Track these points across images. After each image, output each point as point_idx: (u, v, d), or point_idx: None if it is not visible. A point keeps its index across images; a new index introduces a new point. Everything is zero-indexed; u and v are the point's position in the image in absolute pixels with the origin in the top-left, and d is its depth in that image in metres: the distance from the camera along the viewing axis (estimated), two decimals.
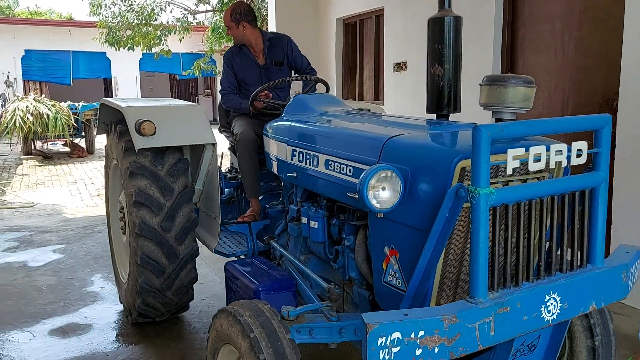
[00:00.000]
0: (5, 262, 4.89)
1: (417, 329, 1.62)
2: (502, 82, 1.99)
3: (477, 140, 1.63)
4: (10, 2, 39.14)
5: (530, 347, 2.17)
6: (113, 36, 13.46)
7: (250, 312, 2.00)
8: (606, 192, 1.97)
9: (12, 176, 10.14)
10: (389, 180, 1.94)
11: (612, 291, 1.98)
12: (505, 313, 1.72)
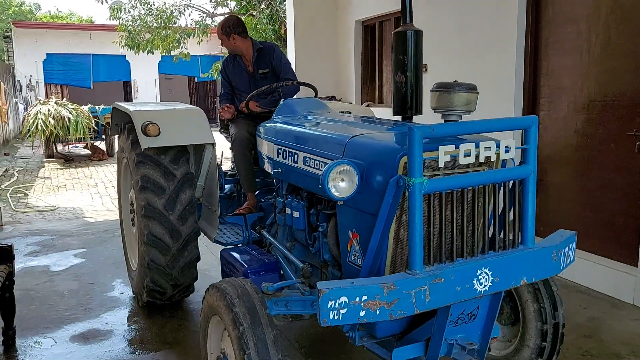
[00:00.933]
0: (28, 266, 4.93)
1: (361, 294, 1.95)
2: (448, 88, 2.31)
3: (411, 138, 1.96)
4: (32, 6, 39.78)
5: (471, 316, 2.42)
6: (133, 39, 13.59)
7: (235, 287, 2.30)
8: (534, 182, 2.27)
9: (34, 179, 10.27)
10: (347, 173, 2.27)
11: (542, 268, 2.26)
12: (439, 283, 2.03)
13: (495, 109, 5.06)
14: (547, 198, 4.78)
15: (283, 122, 3.34)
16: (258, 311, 2.21)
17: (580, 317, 3.72)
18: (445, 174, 2.15)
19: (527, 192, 2.26)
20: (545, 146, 4.76)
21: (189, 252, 3.58)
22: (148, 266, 3.53)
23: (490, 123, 2.22)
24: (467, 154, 2.11)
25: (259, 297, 2.28)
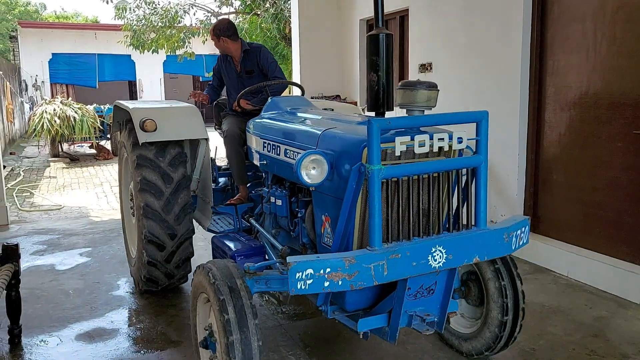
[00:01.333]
0: (33, 265, 4.95)
1: (325, 267, 2.21)
2: (411, 87, 2.61)
3: (369, 130, 2.25)
4: (38, 6, 39.93)
5: (429, 290, 2.67)
6: (138, 39, 13.62)
7: (218, 267, 2.57)
8: (486, 170, 2.56)
9: (40, 178, 10.31)
10: (318, 162, 2.56)
11: (494, 248, 2.54)
12: (396, 259, 2.30)
13: (500, 108, 5.05)
14: (552, 197, 4.76)
15: (269, 118, 3.63)
16: (238, 285, 2.47)
17: (587, 317, 3.71)
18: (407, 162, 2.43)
19: (479, 179, 2.55)
20: (551, 145, 4.74)
21: (183, 250, 3.90)
22: (146, 261, 3.85)
23: (443, 117, 2.54)
24: (422, 145, 2.40)
25: (239, 273, 2.56)
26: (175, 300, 4.10)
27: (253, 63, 4.42)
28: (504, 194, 5.10)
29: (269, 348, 3.34)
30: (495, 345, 3.03)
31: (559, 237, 4.70)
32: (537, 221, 4.93)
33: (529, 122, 4.86)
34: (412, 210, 2.45)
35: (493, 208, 5.25)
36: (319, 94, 7.94)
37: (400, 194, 2.44)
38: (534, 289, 4.20)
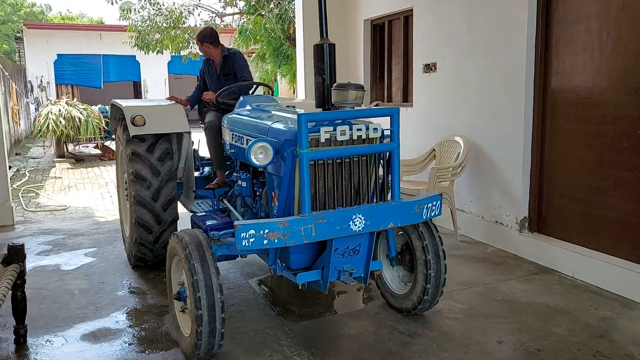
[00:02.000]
0: (39, 265, 4.97)
1: (264, 228, 2.83)
2: (343, 88, 3.18)
3: (299, 122, 2.90)
4: (43, 7, 40.09)
5: (354, 251, 3.29)
6: (142, 40, 13.65)
7: (188, 235, 3.14)
8: (398, 154, 3.23)
9: (45, 179, 10.35)
10: (264, 148, 3.15)
11: (406, 217, 3.19)
12: (322, 223, 2.94)
13: (505, 108, 5.04)
14: (557, 197, 4.75)
15: (237, 114, 4.21)
16: (205, 250, 3.03)
17: (592, 317, 3.70)
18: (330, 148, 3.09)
19: (393, 161, 3.24)
20: (556, 145, 4.72)
21: (169, 232, 4.36)
22: (137, 241, 4.51)
23: (360, 112, 3.23)
24: (343, 134, 3.07)
25: (204, 237, 3.12)
26: None
27: (230, 66, 5.01)
28: (508, 195, 5.09)
29: (273, 348, 3.34)
30: (419, 305, 3.61)
31: (564, 237, 4.68)
32: (542, 221, 4.92)
33: (534, 122, 4.84)
34: (337, 186, 3.14)
35: (498, 208, 5.24)
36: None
37: (326, 173, 3.11)
38: (539, 289, 4.19)
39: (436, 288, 3.56)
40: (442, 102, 5.98)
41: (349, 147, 3.13)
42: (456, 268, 4.71)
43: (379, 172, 3.30)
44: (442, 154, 5.69)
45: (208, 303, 2.91)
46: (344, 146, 3.12)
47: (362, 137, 3.13)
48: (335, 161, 3.11)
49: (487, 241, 5.36)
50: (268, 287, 4.41)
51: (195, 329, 2.98)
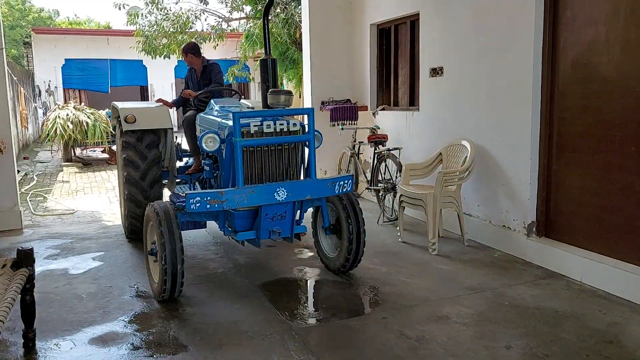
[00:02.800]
0: (47, 269, 4.99)
1: (207, 196, 3.85)
2: (276, 93, 4.26)
3: (233, 118, 3.95)
4: (51, 12, 40.37)
5: (281, 216, 4.23)
6: (150, 45, 13.71)
7: (160, 205, 4.05)
8: (314, 143, 4.23)
9: (53, 183, 10.41)
10: (212, 138, 4.30)
11: (320, 190, 4.17)
12: (252, 193, 3.93)
13: (512, 112, 5.03)
14: (565, 202, 4.73)
15: (205, 113, 5.27)
16: (170, 215, 3.93)
17: (600, 323, 3.67)
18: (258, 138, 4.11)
19: (310, 149, 4.23)
20: (563, 149, 4.71)
21: None
22: (128, 215, 5.58)
23: (281, 111, 4.26)
24: (268, 127, 4.12)
25: (171, 208, 4.01)
26: (186, 305, 4.11)
27: (208, 74, 6.09)
28: (516, 199, 5.07)
29: (280, 353, 3.34)
30: (346, 265, 4.57)
31: (572, 242, 4.66)
32: (550, 226, 4.90)
33: (541, 126, 4.83)
34: (266, 167, 4.19)
35: (505, 213, 5.22)
36: (329, 99, 7.95)
37: (256, 157, 4.15)
38: (547, 294, 4.18)
39: (357, 252, 4.50)
40: (449, 106, 5.98)
41: (272, 137, 4.16)
42: (463, 272, 4.69)
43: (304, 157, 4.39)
44: (448, 158, 5.68)
45: (172, 258, 3.83)
46: (269, 137, 4.14)
47: (284, 130, 4.17)
48: (263, 148, 4.15)
49: (494, 246, 5.35)
50: (275, 292, 4.41)
51: (162, 277, 3.93)
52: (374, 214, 6.84)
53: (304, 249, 5.47)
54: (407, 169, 5.77)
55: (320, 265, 4.95)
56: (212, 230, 6.32)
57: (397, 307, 4.01)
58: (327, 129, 7.84)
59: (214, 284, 4.55)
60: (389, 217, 6.46)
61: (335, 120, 7.66)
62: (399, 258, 5.14)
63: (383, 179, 6.57)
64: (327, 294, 4.43)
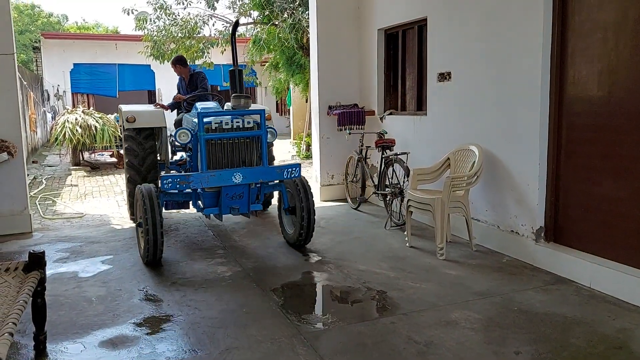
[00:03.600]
0: (57, 272, 5.03)
1: (177, 178, 4.93)
2: (237, 97, 5.24)
3: (199, 116, 5.10)
4: (60, 17, 40.67)
5: (240, 196, 5.23)
6: (158, 49, 13.78)
7: (145, 188, 5.07)
8: (265, 139, 5.27)
9: (62, 187, 10.47)
10: (185, 133, 5.29)
11: (271, 175, 5.19)
12: (214, 176, 4.96)
13: (520, 117, 5.03)
14: (574, 207, 4.72)
15: (189, 114, 6.23)
16: (152, 194, 4.99)
17: (609, 328, 3.66)
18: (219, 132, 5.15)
19: (263, 142, 5.25)
20: (572, 154, 4.71)
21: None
22: (129, 195, 6.89)
23: (240, 112, 5.26)
24: (227, 124, 5.14)
25: (154, 189, 5.09)
26: (195, 309, 4.13)
27: (194, 82, 7.39)
28: (524, 204, 5.07)
29: (289, 357, 3.35)
30: (300, 239, 5.53)
31: (580, 247, 4.65)
32: (558, 231, 4.89)
33: (550, 131, 4.83)
34: (223, 155, 5.20)
35: (513, 218, 5.21)
36: (336, 103, 7.97)
37: (217, 148, 5.18)
38: (556, 300, 4.16)
39: (308, 227, 5.45)
40: (457, 111, 5.98)
41: (229, 132, 5.19)
42: (472, 277, 4.69)
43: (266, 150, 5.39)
44: (456, 163, 5.68)
45: (153, 229, 4.87)
46: (227, 132, 5.18)
47: (240, 126, 5.23)
48: (223, 141, 5.20)
49: (502, 251, 5.34)
50: (283, 296, 4.42)
51: (145, 244, 4.99)
52: (381, 218, 6.85)
53: (312, 254, 5.49)
54: (414, 173, 5.78)
55: (329, 270, 4.96)
56: (220, 235, 6.34)
57: (406, 311, 4.01)
58: (335, 134, 7.88)
59: (222, 288, 4.57)
60: (396, 221, 6.46)
61: (343, 124, 7.68)
62: (407, 263, 5.14)
63: (390, 184, 6.58)
64: (335, 298, 4.44)
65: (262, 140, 5.25)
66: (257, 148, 5.29)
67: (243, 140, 5.25)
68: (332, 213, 7.37)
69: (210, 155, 5.14)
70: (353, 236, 6.17)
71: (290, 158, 14.52)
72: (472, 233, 5.44)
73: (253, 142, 5.28)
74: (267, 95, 24.12)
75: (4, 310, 2.94)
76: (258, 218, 7.13)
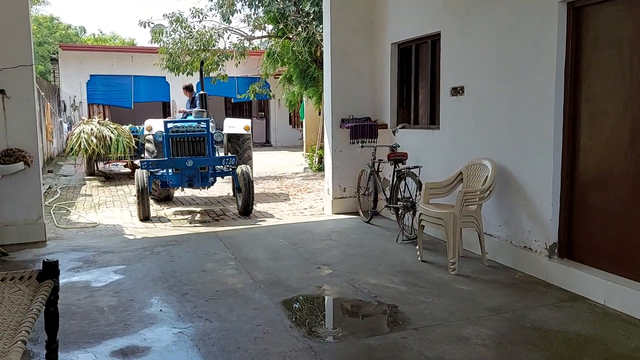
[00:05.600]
0: (70, 281, 5.06)
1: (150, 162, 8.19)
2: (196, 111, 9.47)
3: (165, 123, 8.53)
4: (77, 29, 41.32)
5: (193, 175, 8.16)
6: (173, 62, 13.93)
7: (140, 172, 7.95)
8: (210, 138, 8.47)
9: (76, 196, 10.58)
10: (160, 133, 8.64)
11: (212, 162, 8.40)
12: (173, 161, 8.09)
13: (534, 132, 5.01)
14: (588, 223, 4.67)
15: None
16: (145, 177, 7.82)
17: (624, 347, 3.60)
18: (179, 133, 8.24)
19: (208, 141, 8.33)
20: (586, 170, 4.67)
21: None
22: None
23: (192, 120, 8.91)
24: (183, 127, 8.34)
25: (147, 172, 7.93)
26: (206, 320, 4.14)
27: (195, 101, 10.29)
28: (537, 219, 5.03)
29: None
30: (244, 209, 8.06)
31: (594, 264, 4.60)
32: (572, 247, 4.85)
33: (564, 146, 4.80)
34: (183, 150, 8.13)
35: (526, 233, 5.17)
36: (349, 116, 8.00)
37: (177, 144, 8.14)
38: (569, 317, 4.11)
39: (248, 201, 8.04)
40: (470, 126, 5.97)
41: (185, 133, 8.13)
42: (484, 293, 4.65)
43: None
44: (469, 177, 5.66)
45: (142, 195, 7.71)
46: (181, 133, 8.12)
47: (192, 129, 8.23)
48: (181, 139, 8.14)
49: (515, 266, 5.29)
50: (294, 309, 4.41)
51: (139, 206, 7.84)
52: (392, 232, 6.83)
53: (323, 267, 5.48)
54: (427, 187, 5.76)
55: (340, 283, 4.95)
56: (231, 246, 6.36)
57: (417, 326, 3.98)
58: (347, 147, 7.90)
59: (233, 300, 4.57)
60: (408, 235, 6.43)
61: (355, 137, 7.70)
62: (419, 277, 5.11)
63: (402, 197, 6.56)
64: (346, 311, 4.42)
65: (207, 139, 8.31)
66: (203, 144, 8.25)
67: (193, 138, 8.21)
68: (343, 226, 7.37)
69: (171, 148, 8.13)
70: (364, 250, 6.15)
71: (302, 170, 14.55)
72: (484, 248, 5.41)
73: (203, 140, 8.27)
74: (280, 108, 24.26)
75: (17, 319, 2.96)
76: (264, 232, 7.14)
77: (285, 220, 8.00)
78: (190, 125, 8.33)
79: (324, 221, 7.81)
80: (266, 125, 26.28)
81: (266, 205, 9.33)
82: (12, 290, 3.34)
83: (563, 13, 4.72)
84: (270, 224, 7.65)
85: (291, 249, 6.15)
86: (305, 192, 10.72)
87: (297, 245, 6.38)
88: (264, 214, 8.48)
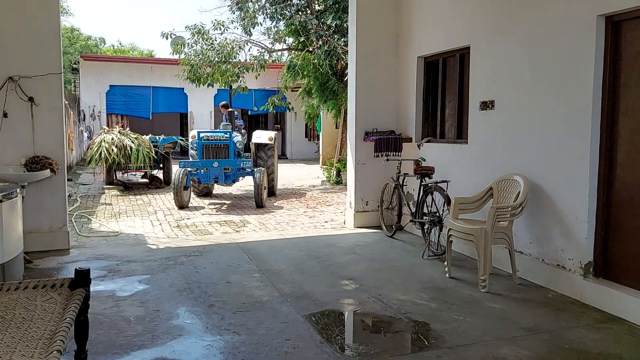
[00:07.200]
0: (95, 290, 5.01)
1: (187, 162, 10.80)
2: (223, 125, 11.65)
3: (197, 133, 10.91)
4: (97, 40, 41.89)
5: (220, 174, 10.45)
6: (194, 73, 14.01)
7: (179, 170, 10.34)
8: (233, 145, 10.63)
9: (96, 205, 10.60)
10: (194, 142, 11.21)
11: (234, 163, 10.49)
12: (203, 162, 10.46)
13: (569, 149, 4.91)
14: (625, 242, 4.54)
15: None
16: (181, 174, 10.16)
17: None
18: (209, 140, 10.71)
19: (230, 148, 10.52)
20: (624, 187, 4.55)
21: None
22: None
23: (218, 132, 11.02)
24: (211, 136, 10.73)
25: (184, 170, 10.28)
26: (234, 334, 4.06)
27: (229, 117, 11.85)
28: (572, 238, 4.90)
29: None
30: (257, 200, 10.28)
31: (632, 284, 4.46)
32: (608, 266, 4.71)
33: (600, 163, 4.69)
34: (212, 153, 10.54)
35: (559, 251, 5.04)
36: (373, 129, 7.94)
37: (208, 149, 10.55)
38: (609, 339, 3.98)
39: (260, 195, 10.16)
40: (501, 140, 5.88)
41: (211, 141, 10.54)
42: (517, 312, 4.53)
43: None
44: (500, 193, 5.55)
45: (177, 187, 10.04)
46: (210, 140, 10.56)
47: (219, 138, 10.56)
48: (211, 145, 10.51)
49: (547, 285, 5.16)
50: (323, 323, 4.32)
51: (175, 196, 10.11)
52: (417, 247, 6.72)
53: (349, 281, 5.39)
54: (456, 202, 5.66)
55: (368, 299, 4.86)
56: (255, 258, 6.29)
57: (451, 345, 3.87)
58: (370, 160, 7.83)
59: (261, 312, 4.49)
60: (434, 251, 6.32)
61: (380, 151, 7.64)
62: (448, 294, 5.00)
63: (429, 212, 6.46)
64: (377, 328, 4.32)
65: (229, 146, 10.41)
66: (227, 150, 10.41)
67: (220, 145, 10.45)
68: (366, 240, 7.27)
69: (203, 152, 10.40)
70: (390, 264, 6.05)
71: (320, 183, 14.49)
72: (515, 265, 5.28)
73: (225, 147, 10.44)
74: (296, 120, 24.28)
75: (51, 327, 2.90)
76: (287, 244, 7.07)
77: (307, 232, 7.92)
78: (216, 135, 10.57)
79: (346, 234, 7.73)
80: (282, 138, 26.34)
81: (287, 217, 9.27)
82: (45, 298, 3.30)
83: (601, 27, 4.63)
84: (292, 237, 7.57)
85: (315, 262, 6.07)
86: (324, 205, 10.64)
87: (320, 258, 6.29)
88: (284, 226, 8.40)
